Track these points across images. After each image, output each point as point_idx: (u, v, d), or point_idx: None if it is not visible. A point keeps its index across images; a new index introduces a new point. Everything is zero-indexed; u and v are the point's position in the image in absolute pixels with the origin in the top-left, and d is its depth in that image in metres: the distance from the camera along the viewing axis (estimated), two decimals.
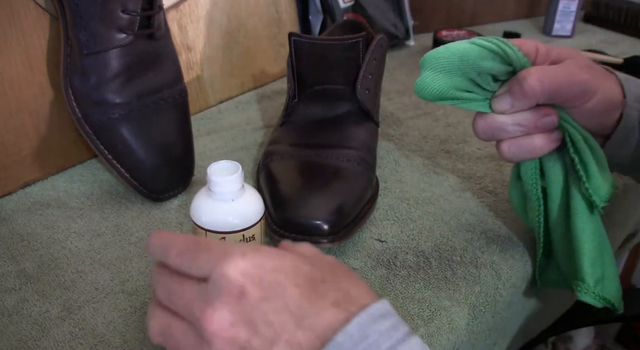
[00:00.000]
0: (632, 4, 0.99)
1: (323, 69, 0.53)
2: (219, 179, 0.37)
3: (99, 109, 0.49)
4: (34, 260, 0.45)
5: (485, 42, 0.38)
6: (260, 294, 0.27)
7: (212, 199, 0.38)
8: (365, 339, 0.25)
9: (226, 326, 0.27)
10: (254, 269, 0.27)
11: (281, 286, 0.27)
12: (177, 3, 0.63)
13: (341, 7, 0.81)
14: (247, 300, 0.27)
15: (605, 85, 0.40)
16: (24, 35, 0.50)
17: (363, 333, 0.25)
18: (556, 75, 0.38)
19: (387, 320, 0.26)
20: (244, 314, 0.27)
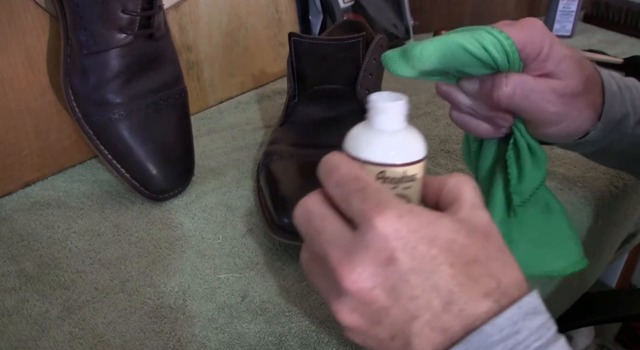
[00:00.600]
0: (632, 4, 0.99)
1: (323, 69, 0.53)
2: (383, 105, 0.33)
3: (99, 109, 0.49)
4: (34, 260, 0.45)
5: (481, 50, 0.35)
6: (411, 264, 0.25)
7: (372, 128, 0.34)
8: (515, 335, 0.24)
9: (366, 289, 0.26)
10: (408, 234, 0.25)
11: (434, 262, 0.25)
12: (177, 3, 0.63)
13: (341, 7, 0.81)
14: (395, 267, 0.25)
15: (577, 117, 0.38)
16: (24, 35, 0.50)
17: (514, 328, 0.24)
18: (529, 95, 0.37)
19: (539, 317, 0.25)
20: (389, 280, 0.25)
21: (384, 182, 0.31)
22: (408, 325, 0.25)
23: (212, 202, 0.52)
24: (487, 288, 0.25)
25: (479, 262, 0.26)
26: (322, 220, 0.28)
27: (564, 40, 0.97)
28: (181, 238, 0.47)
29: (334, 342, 0.37)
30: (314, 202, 0.30)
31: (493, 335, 0.24)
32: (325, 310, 0.40)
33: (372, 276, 0.26)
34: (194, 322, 0.39)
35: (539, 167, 0.40)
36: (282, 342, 0.37)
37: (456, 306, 0.25)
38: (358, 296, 0.26)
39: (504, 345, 0.24)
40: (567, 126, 0.38)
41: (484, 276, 0.26)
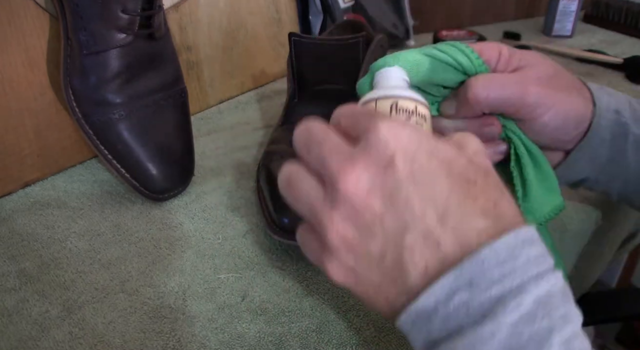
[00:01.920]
0: (632, 4, 0.99)
1: (323, 69, 0.53)
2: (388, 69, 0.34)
3: (99, 109, 0.49)
4: (34, 260, 0.45)
5: (439, 52, 0.36)
6: (409, 172, 0.25)
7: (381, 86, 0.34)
8: (512, 260, 0.23)
9: (362, 191, 0.25)
10: (409, 142, 0.25)
11: (433, 174, 0.25)
12: (177, 3, 0.63)
13: (341, 7, 0.81)
14: (393, 172, 0.25)
15: (565, 99, 0.37)
16: (24, 35, 0.50)
17: (511, 253, 0.23)
18: (504, 85, 0.36)
19: (536, 246, 0.24)
20: (386, 185, 0.25)
21: (397, 113, 0.31)
22: (401, 236, 0.24)
23: (212, 202, 0.52)
24: (485, 207, 0.25)
25: (477, 185, 0.25)
26: (324, 133, 0.28)
27: (564, 40, 0.97)
28: (181, 238, 0.47)
29: (334, 342, 0.37)
30: (315, 122, 0.29)
31: (489, 258, 0.23)
32: (325, 310, 0.40)
33: (370, 179, 0.25)
34: (194, 322, 0.39)
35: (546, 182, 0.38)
36: (282, 342, 0.37)
37: (452, 219, 0.24)
38: (354, 200, 0.25)
39: (501, 270, 0.23)
40: (559, 109, 0.37)
41: (482, 197, 0.25)
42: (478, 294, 0.23)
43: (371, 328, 0.38)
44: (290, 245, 0.45)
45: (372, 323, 0.39)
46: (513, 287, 0.23)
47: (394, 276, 0.25)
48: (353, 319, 0.39)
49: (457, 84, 0.38)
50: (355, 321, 0.39)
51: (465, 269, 0.23)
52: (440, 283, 0.23)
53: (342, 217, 0.25)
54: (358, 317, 0.39)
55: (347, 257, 0.26)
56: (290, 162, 0.29)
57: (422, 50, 0.36)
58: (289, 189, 0.29)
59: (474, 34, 0.87)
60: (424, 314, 0.24)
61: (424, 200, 0.24)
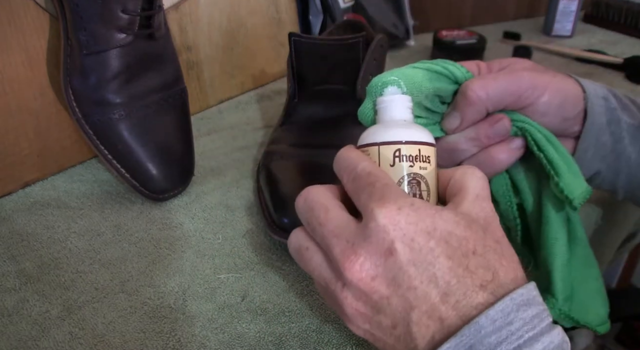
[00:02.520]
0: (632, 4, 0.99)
1: (323, 69, 0.53)
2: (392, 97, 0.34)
3: (99, 109, 0.49)
4: (34, 260, 0.45)
5: (429, 64, 0.37)
6: (410, 256, 0.26)
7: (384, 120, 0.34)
8: (508, 326, 0.25)
9: (367, 279, 0.27)
10: (406, 226, 0.27)
11: (432, 254, 0.26)
12: (177, 3, 0.63)
13: (341, 7, 0.81)
14: (394, 258, 0.27)
15: (554, 79, 0.39)
16: (24, 35, 0.50)
17: (506, 319, 0.25)
18: (497, 80, 0.37)
19: (532, 308, 0.26)
20: (389, 271, 0.27)
21: (400, 160, 0.31)
22: (407, 314, 0.26)
23: (212, 202, 0.52)
24: (483, 280, 0.26)
25: (476, 254, 0.27)
26: (325, 212, 0.30)
27: (564, 40, 0.97)
28: (181, 238, 0.47)
29: (334, 342, 0.37)
30: (317, 193, 0.31)
31: (486, 326, 0.25)
32: (325, 310, 0.40)
33: (374, 267, 0.27)
34: (194, 322, 0.39)
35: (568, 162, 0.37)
36: (282, 342, 0.37)
37: (453, 298, 0.26)
38: (360, 286, 0.27)
39: (497, 335, 0.25)
40: (555, 87, 0.38)
41: (481, 268, 0.27)
42: None
43: None
44: None
45: None
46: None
47: (405, 342, 0.27)
48: None
49: (452, 96, 0.38)
50: None
51: (465, 336, 0.25)
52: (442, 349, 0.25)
53: (354, 297, 0.28)
54: None
55: (363, 324, 0.29)
56: (296, 231, 0.33)
57: (414, 64, 0.37)
58: (300, 260, 0.32)
59: (474, 34, 0.87)
60: None
61: (426, 282, 0.26)
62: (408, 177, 0.31)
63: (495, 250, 0.28)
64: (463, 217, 0.28)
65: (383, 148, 0.32)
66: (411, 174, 0.31)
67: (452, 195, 0.31)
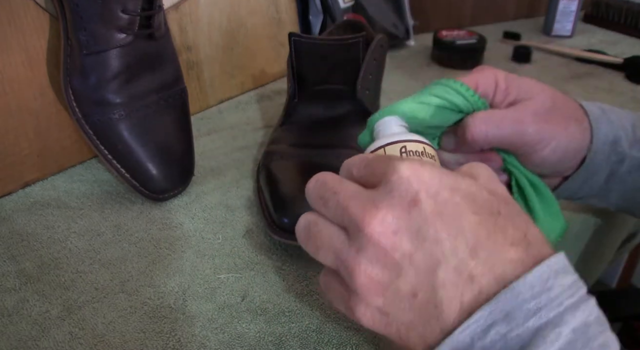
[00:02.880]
0: (632, 4, 0.99)
1: (323, 69, 0.53)
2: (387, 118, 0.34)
3: (99, 109, 0.49)
4: (34, 260, 0.45)
5: (434, 98, 0.36)
6: (434, 208, 0.24)
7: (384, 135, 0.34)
8: (547, 292, 0.23)
9: (389, 233, 0.24)
10: (431, 179, 0.25)
11: (458, 208, 0.24)
12: (177, 3, 0.63)
13: (341, 7, 0.81)
14: (418, 210, 0.24)
15: (564, 133, 0.37)
16: (24, 35, 0.50)
17: (545, 285, 0.23)
18: (502, 124, 0.36)
19: (569, 275, 0.24)
20: (412, 224, 0.24)
21: (407, 155, 0.31)
22: (433, 272, 0.24)
23: (212, 202, 0.52)
24: (513, 238, 0.24)
25: (503, 215, 0.25)
26: (340, 182, 0.28)
27: (564, 40, 0.97)
28: (181, 238, 0.47)
29: (334, 342, 0.37)
30: (328, 173, 0.29)
31: (524, 292, 0.23)
32: (325, 310, 0.40)
33: (395, 220, 0.25)
34: (194, 322, 0.39)
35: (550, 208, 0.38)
36: (282, 342, 0.37)
37: (483, 252, 0.24)
38: (381, 242, 0.25)
39: (537, 302, 0.23)
40: (558, 144, 0.37)
41: (510, 227, 0.25)
42: (515, 327, 0.23)
43: None
44: (290, 245, 0.45)
45: None
46: (550, 319, 0.22)
47: (428, 313, 0.24)
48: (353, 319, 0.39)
49: (456, 122, 0.38)
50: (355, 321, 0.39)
51: (500, 302, 0.23)
52: (475, 317, 0.23)
53: (370, 260, 0.25)
54: None
55: (376, 299, 0.26)
56: (306, 213, 0.29)
57: (415, 98, 0.36)
58: (309, 238, 0.29)
59: (474, 34, 0.87)
60: (460, 348, 0.23)
61: (453, 234, 0.24)
62: None
63: (521, 216, 0.26)
64: (485, 186, 0.27)
65: (389, 148, 0.32)
66: None
67: None
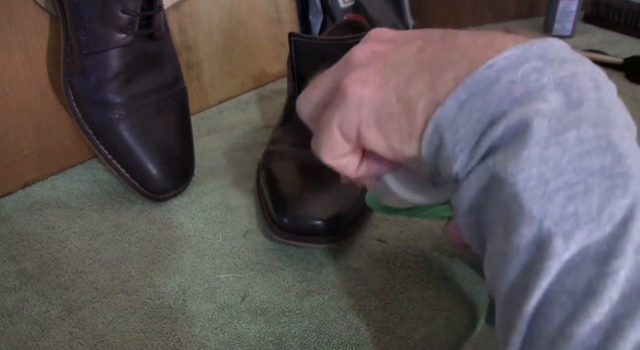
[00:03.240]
0: (632, 4, 0.99)
1: (323, 69, 0.53)
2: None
3: (99, 109, 0.49)
4: (34, 260, 0.45)
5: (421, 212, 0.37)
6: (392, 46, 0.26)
7: None
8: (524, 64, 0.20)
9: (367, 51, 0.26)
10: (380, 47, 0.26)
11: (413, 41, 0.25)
12: (177, 3, 0.63)
13: (341, 7, 0.81)
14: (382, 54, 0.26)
15: None
16: (24, 35, 0.50)
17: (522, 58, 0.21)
18: None
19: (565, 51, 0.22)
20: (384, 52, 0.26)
21: None
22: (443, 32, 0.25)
23: (212, 202, 0.52)
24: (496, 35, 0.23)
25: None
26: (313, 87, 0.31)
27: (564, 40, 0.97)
28: (181, 238, 0.47)
29: (334, 342, 0.37)
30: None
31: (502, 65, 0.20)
32: (325, 310, 0.40)
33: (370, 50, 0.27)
34: (194, 322, 0.39)
35: None
36: (282, 342, 0.37)
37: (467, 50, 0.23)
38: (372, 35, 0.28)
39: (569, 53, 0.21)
40: None
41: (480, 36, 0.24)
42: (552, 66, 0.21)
43: (371, 328, 0.38)
44: (290, 245, 0.45)
45: (372, 323, 0.39)
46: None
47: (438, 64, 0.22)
48: (353, 319, 0.39)
49: None
50: (355, 321, 0.39)
51: (536, 45, 0.21)
52: (505, 53, 0.21)
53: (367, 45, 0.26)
54: (358, 317, 0.39)
55: (376, 63, 0.25)
56: None
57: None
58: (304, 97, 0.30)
59: None
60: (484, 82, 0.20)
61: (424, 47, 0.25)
62: None
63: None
64: None
65: None
66: None
67: None
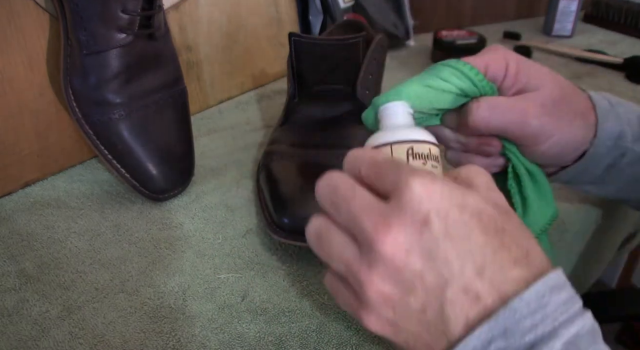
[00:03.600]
0: (632, 4, 0.99)
1: (323, 69, 0.53)
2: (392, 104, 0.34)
3: (99, 109, 0.49)
4: (34, 260, 0.45)
5: (441, 81, 0.36)
6: (445, 229, 0.25)
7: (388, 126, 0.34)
8: (543, 309, 0.24)
9: (401, 252, 0.25)
10: (440, 199, 0.26)
11: (467, 228, 0.25)
12: (177, 3, 0.63)
13: (341, 7, 0.81)
14: (429, 231, 0.25)
15: (566, 128, 0.37)
16: (24, 35, 0.50)
17: (540, 302, 0.24)
18: (506, 114, 0.36)
19: (564, 291, 0.25)
20: (424, 244, 0.25)
21: (414, 158, 0.31)
22: (441, 290, 0.25)
23: (212, 202, 0.52)
24: (516, 256, 0.26)
25: (507, 232, 0.26)
26: (352, 189, 0.28)
27: (564, 40, 0.97)
28: (181, 238, 0.47)
29: (334, 342, 0.37)
30: (340, 175, 0.29)
31: (521, 308, 0.24)
32: (325, 310, 0.40)
33: (407, 238, 0.25)
34: (194, 322, 0.39)
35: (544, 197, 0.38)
36: (282, 342, 0.37)
37: (489, 272, 0.25)
38: (393, 260, 0.25)
39: (532, 318, 0.24)
40: (559, 140, 0.37)
41: (514, 245, 0.26)
42: (513, 342, 0.24)
43: None
44: (290, 245, 0.45)
45: None
46: (545, 334, 0.24)
47: (435, 328, 0.26)
48: (353, 319, 0.39)
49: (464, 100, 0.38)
50: (355, 321, 0.39)
51: (500, 319, 0.24)
52: (476, 333, 0.24)
53: (382, 276, 0.26)
54: None
55: (386, 311, 0.27)
56: (317, 216, 0.30)
57: (422, 80, 0.36)
58: (320, 245, 0.29)
59: (474, 34, 0.87)
60: None
61: (462, 255, 0.25)
62: None
63: (522, 231, 0.27)
64: (488, 199, 0.27)
65: (396, 147, 0.32)
66: None
67: None
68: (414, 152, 0.32)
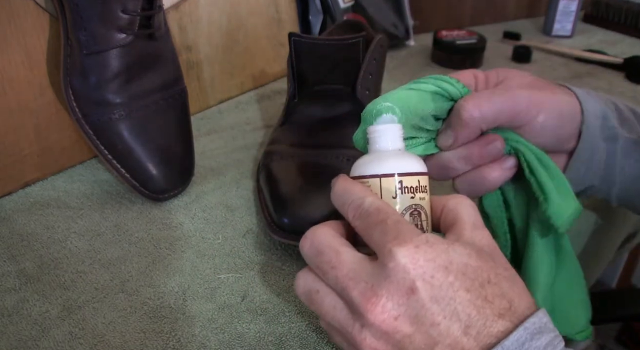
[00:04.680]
0: (632, 4, 0.99)
1: (323, 69, 0.53)
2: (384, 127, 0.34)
3: (99, 109, 0.49)
4: (34, 260, 0.45)
5: (424, 84, 0.37)
6: (431, 293, 0.27)
7: (378, 150, 0.34)
8: None
9: (390, 319, 0.27)
10: (425, 264, 0.27)
11: (452, 289, 0.27)
12: (177, 3, 0.63)
13: (341, 7, 0.81)
14: (416, 297, 0.27)
15: (553, 97, 0.38)
16: (24, 35, 0.50)
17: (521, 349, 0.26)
18: (492, 99, 0.36)
19: (545, 336, 0.27)
20: (411, 309, 0.27)
21: (402, 192, 0.32)
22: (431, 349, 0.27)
23: (212, 202, 0.52)
24: (500, 308, 0.27)
25: (491, 283, 0.28)
26: (337, 254, 0.30)
27: (564, 40, 0.97)
28: (181, 238, 0.47)
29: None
30: (323, 235, 0.31)
31: None
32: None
33: (396, 306, 0.27)
34: (194, 322, 0.39)
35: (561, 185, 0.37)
36: (282, 342, 0.37)
37: (474, 329, 0.27)
38: (383, 327, 0.27)
39: None
40: (550, 106, 0.37)
41: (497, 297, 0.28)
42: None
43: None
44: (290, 245, 0.45)
45: None
46: None
47: None
48: None
49: (447, 113, 0.38)
50: None
51: None
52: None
53: (374, 336, 0.28)
54: None
55: None
56: (305, 273, 0.32)
57: (407, 86, 0.37)
58: (311, 303, 0.31)
59: (474, 34, 0.87)
60: None
61: (448, 316, 0.27)
62: (410, 209, 0.32)
63: (507, 278, 0.29)
64: (472, 247, 0.29)
65: (385, 180, 0.33)
66: (412, 206, 0.32)
67: (449, 225, 0.32)
68: (403, 186, 0.32)
